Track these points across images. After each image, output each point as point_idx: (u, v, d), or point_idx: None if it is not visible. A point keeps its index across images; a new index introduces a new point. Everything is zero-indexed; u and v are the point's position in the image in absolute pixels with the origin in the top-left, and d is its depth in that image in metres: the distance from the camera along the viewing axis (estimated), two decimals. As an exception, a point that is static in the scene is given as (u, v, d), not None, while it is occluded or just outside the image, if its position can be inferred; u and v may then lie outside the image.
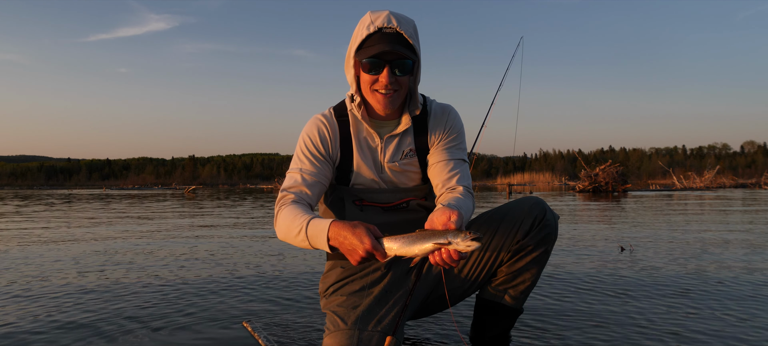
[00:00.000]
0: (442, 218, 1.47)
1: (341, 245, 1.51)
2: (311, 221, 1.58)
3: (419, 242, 1.44)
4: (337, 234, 1.51)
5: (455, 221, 1.45)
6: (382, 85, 1.69)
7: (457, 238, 1.40)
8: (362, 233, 1.46)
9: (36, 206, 14.63)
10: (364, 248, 1.45)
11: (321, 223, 1.55)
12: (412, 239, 1.45)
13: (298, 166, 1.79)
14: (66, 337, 2.21)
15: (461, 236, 1.40)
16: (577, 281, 3.25)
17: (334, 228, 1.52)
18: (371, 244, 1.44)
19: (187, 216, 9.99)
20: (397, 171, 1.85)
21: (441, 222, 1.47)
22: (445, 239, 1.41)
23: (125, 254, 4.65)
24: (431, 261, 1.45)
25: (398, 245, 1.45)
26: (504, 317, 2.00)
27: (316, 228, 1.56)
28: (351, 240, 1.47)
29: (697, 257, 4.14)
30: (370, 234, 1.46)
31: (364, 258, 1.47)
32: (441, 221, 1.47)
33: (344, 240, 1.49)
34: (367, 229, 1.47)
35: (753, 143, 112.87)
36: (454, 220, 1.45)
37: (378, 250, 1.45)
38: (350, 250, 1.49)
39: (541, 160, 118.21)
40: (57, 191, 46.34)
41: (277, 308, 2.68)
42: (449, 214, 1.46)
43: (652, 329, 2.23)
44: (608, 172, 24.78)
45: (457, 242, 1.40)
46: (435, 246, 1.42)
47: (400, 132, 1.82)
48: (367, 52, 1.65)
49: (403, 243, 1.45)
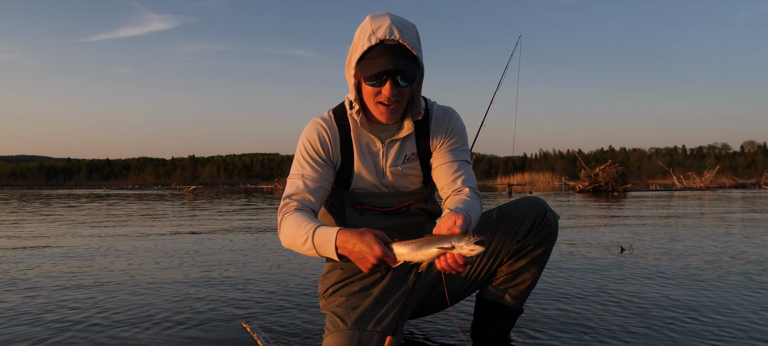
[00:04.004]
0: (448, 222, 1.47)
1: (351, 253, 1.49)
2: (317, 230, 1.56)
3: (425, 247, 1.44)
4: (346, 242, 1.49)
5: (460, 225, 1.45)
6: (384, 98, 1.66)
7: (460, 242, 1.41)
8: (371, 240, 1.45)
9: (34, 207, 14.62)
10: (374, 255, 1.44)
11: (327, 232, 1.53)
12: (419, 244, 1.45)
13: (299, 172, 1.76)
14: (63, 336, 2.20)
15: (465, 240, 1.41)
16: (577, 281, 3.25)
17: (341, 236, 1.50)
18: (382, 250, 1.43)
19: (186, 216, 9.99)
20: (399, 175, 1.84)
21: (447, 227, 1.47)
22: (449, 243, 1.42)
23: (122, 254, 4.64)
24: (438, 266, 1.45)
25: (407, 250, 1.46)
26: (504, 317, 2.00)
27: (322, 236, 1.54)
28: (361, 248, 1.46)
29: (697, 257, 4.13)
30: (379, 241, 1.45)
31: (375, 265, 1.46)
32: (447, 226, 1.47)
33: (354, 248, 1.47)
34: (375, 236, 1.45)
35: (753, 143, 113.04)
36: (459, 224, 1.45)
37: (389, 256, 1.44)
38: (360, 258, 1.47)
39: (541, 160, 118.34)
40: (57, 191, 46.34)
41: (276, 308, 2.67)
42: (455, 218, 1.47)
43: (653, 329, 2.23)
44: (608, 172, 24.78)
45: (461, 246, 1.40)
46: (439, 251, 1.43)
47: (401, 137, 1.80)
48: (369, 66, 1.60)
49: (411, 249, 1.45)
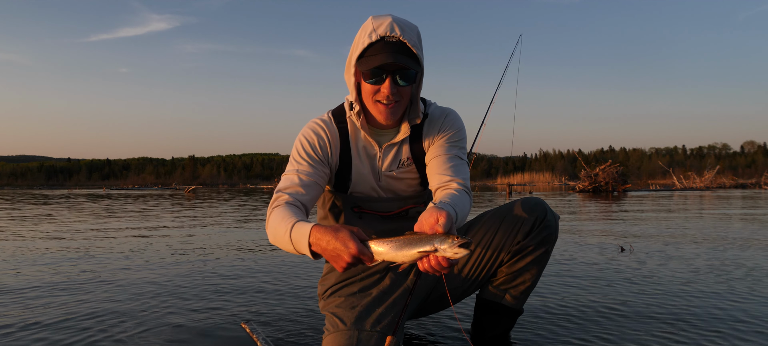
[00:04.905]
0: (430, 219, 1.37)
1: (324, 251, 1.40)
2: (296, 225, 1.47)
3: (406, 247, 1.34)
4: (319, 239, 1.40)
5: (443, 224, 1.34)
6: (383, 96, 1.63)
7: (443, 244, 1.30)
8: (346, 236, 1.36)
9: (32, 207, 14.62)
10: (349, 253, 1.35)
11: (304, 227, 1.45)
12: (400, 244, 1.35)
13: (294, 167, 1.72)
14: (61, 335, 2.20)
15: (448, 242, 1.30)
16: (577, 281, 3.24)
17: (315, 233, 1.41)
18: (357, 248, 1.35)
19: (186, 216, 9.98)
20: (395, 179, 1.82)
21: (429, 224, 1.37)
22: (431, 245, 1.31)
23: (122, 254, 4.64)
24: (420, 268, 1.36)
25: (386, 249, 1.36)
26: (504, 317, 2.00)
27: (298, 232, 1.45)
28: (334, 245, 1.37)
29: (697, 257, 4.12)
30: (355, 237, 1.36)
31: (350, 263, 1.37)
32: (429, 223, 1.37)
33: (327, 246, 1.38)
34: (350, 232, 1.37)
35: (753, 143, 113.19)
36: (442, 223, 1.34)
37: (365, 254, 1.36)
38: (334, 256, 1.39)
39: (541, 160, 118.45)
40: (57, 191, 46.35)
41: (275, 309, 2.67)
42: (437, 216, 1.36)
43: (653, 329, 2.22)
44: (608, 172, 24.79)
45: (444, 249, 1.30)
46: (420, 253, 1.33)
47: (398, 141, 1.78)
48: (369, 62, 1.58)
49: (391, 248, 1.36)
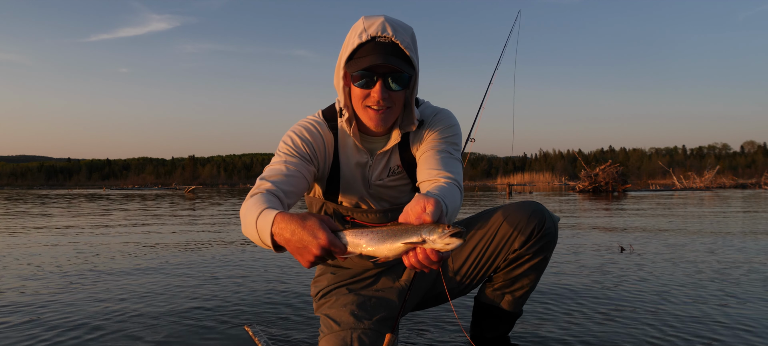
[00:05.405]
0: (416, 208, 1.18)
1: (288, 242, 1.20)
2: (263, 212, 1.29)
3: (389, 239, 1.15)
4: (283, 229, 1.20)
5: (431, 212, 1.16)
6: (374, 101, 1.52)
7: (432, 234, 1.12)
8: (315, 225, 1.17)
9: (29, 206, 14.63)
10: (318, 244, 1.16)
11: (269, 214, 1.26)
12: (383, 235, 1.16)
13: (281, 159, 1.60)
14: (64, 337, 2.21)
15: (438, 231, 1.12)
16: (577, 281, 3.25)
17: (279, 222, 1.22)
18: (328, 239, 1.16)
19: (186, 216, 9.98)
20: (386, 187, 1.74)
21: (415, 213, 1.18)
22: (419, 236, 1.13)
23: (125, 256, 4.65)
24: (406, 263, 1.18)
25: (365, 240, 1.17)
26: (503, 321, 1.99)
27: (264, 220, 1.26)
28: (300, 235, 1.18)
29: (697, 256, 4.14)
30: (324, 226, 1.17)
31: (319, 257, 1.19)
32: (415, 212, 1.18)
33: (292, 236, 1.19)
34: (320, 220, 1.19)
35: (753, 143, 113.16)
36: (430, 211, 1.16)
37: (336, 246, 1.17)
38: (300, 247, 1.19)
39: (541, 161, 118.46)
40: (57, 191, 46.29)
41: (278, 311, 2.68)
42: (424, 203, 1.17)
43: (653, 329, 2.23)
44: (608, 172, 24.79)
45: (434, 240, 1.12)
46: (407, 246, 1.14)
47: (389, 148, 1.69)
48: (358, 63, 1.48)
49: (371, 239, 1.16)
